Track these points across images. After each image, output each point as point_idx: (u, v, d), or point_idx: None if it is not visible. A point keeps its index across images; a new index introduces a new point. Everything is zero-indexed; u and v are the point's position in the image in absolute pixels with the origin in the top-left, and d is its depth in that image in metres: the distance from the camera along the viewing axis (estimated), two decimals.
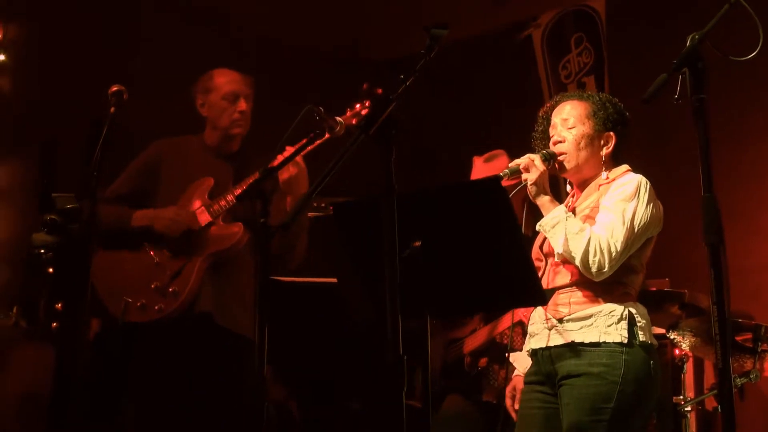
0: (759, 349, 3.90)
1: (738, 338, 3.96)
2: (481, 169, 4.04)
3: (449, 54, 6.13)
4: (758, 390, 4.47)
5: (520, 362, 3.31)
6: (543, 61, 6.15)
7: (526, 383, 3.09)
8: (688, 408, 4.14)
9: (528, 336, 3.10)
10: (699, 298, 4.08)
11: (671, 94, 2.21)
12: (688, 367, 4.35)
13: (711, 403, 4.44)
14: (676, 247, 5.08)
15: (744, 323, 3.96)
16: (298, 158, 3.76)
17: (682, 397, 4.21)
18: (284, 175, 3.77)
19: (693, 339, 4.11)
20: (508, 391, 3.34)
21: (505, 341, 3.66)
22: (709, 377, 4.55)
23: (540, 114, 3.21)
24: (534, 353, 3.06)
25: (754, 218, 5.12)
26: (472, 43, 6.27)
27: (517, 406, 3.28)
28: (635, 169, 3.06)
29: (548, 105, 3.20)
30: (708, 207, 2.13)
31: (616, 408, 2.81)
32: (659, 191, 2.98)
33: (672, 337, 4.16)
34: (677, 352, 4.32)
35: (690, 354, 4.31)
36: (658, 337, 4.55)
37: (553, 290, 2.98)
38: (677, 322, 4.10)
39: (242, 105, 4.03)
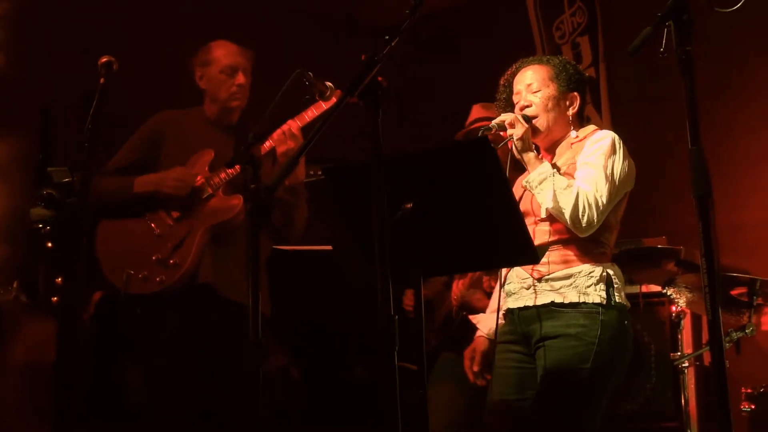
0: (754, 303, 3.94)
1: (733, 292, 3.98)
2: (477, 111, 4.07)
3: (443, 16, 6.14)
4: (755, 344, 4.49)
5: (484, 323, 3.32)
6: (537, 22, 6.12)
7: (500, 342, 3.09)
8: (686, 364, 4.18)
9: (504, 296, 3.10)
10: (695, 254, 4.11)
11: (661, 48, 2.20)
12: (686, 324, 4.37)
13: (708, 359, 4.46)
14: (672, 205, 5.09)
15: (739, 277, 3.99)
16: (297, 132, 3.75)
17: (679, 353, 4.23)
18: (281, 147, 3.76)
19: (689, 295, 4.13)
20: (467, 353, 3.35)
21: (493, 283, 3.66)
22: (707, 333, 4.56)
23: (501, 82, 3.20)
24: (510, 312, 3.07)
25: (752, 174, 5.11)
26: (465, 4, 6.24)
27: (476, 368, 3.31)
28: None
29: (509, 72, 3.18)
30: (695, 160, 2.13)
31: (592, 368, 2.85)
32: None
33: (669, 293, 4.18)
34: (674, 308, 4.35)
35: (687, 310, 4.34)
36: (655, 294, 4.61)
37: None
38: (673, 279, 4.13)
39: (240, 78, 4.00)
